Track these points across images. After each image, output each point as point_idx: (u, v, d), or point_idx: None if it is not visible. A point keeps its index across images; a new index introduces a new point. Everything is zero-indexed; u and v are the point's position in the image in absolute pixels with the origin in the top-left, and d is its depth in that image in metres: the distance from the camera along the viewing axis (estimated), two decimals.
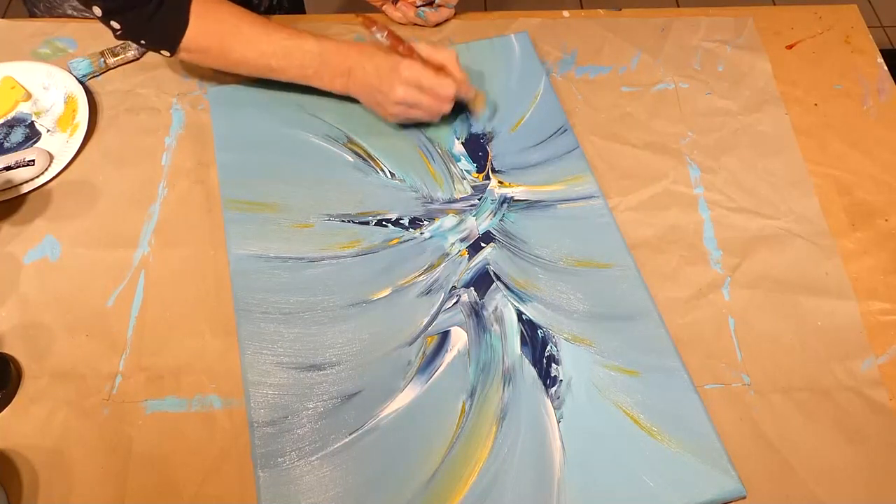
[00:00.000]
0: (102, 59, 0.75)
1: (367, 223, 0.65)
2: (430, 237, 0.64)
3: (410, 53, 0.67)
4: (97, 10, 0.62)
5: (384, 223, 0.65)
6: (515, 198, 0.67)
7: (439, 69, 0.67)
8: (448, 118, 0.71)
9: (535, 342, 0.58)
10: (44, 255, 0.63)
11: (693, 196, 0.68)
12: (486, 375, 0.57)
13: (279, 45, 0.66)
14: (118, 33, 0.65)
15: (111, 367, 0.58)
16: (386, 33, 0.67)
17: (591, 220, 0.65)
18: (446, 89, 0.66)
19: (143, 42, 0.67)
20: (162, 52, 0.67)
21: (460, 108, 0.73)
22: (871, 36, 0.82)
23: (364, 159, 0.69)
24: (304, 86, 0.69)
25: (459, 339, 0.58)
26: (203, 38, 0.65)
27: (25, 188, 0.67)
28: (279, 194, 0.66)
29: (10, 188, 0.66)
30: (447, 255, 0.63)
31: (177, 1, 0.63)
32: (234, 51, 0.66)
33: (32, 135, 0.71)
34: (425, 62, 0.67)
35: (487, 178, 0.68)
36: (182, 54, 0.66)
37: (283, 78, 0.68)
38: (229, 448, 0.54)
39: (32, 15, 0.84)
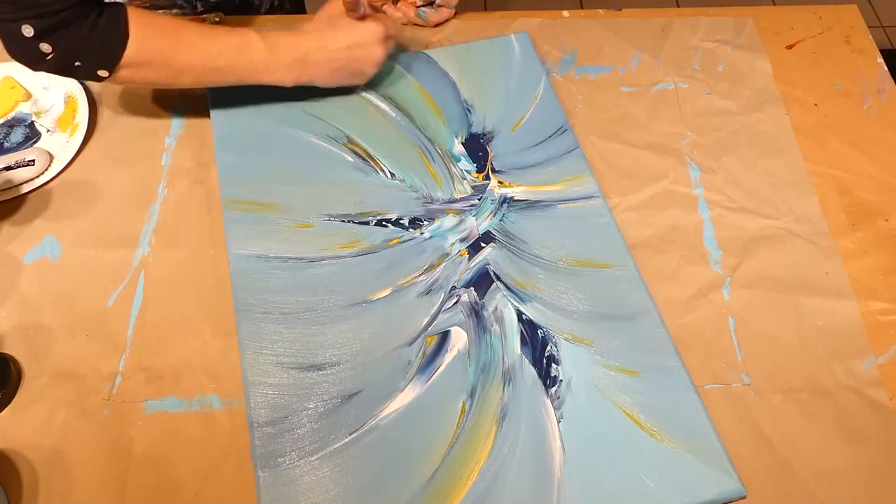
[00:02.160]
0: None
1: (367, 223, 0.65)
2: (430, 237, 0.64)
3: (364, 15, 0.68)
4: (28, 31, 0.56)
5: (384, 223, 0.65)
6: (515, 198, 0.67)
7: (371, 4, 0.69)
8: (449, 118, 0.72)
9: (535, 342, 0.58)
10: (44, 255, 0.63)
11: (693, 196, 0.68)
12: (486, 375, 0.57)
13: (224, 45, 0.63)
14: (48, 58, 0.58)
15: (111, 367, 0.58)
16: (366, 4, 0.67)
17: (591, 220, 0.65)
18: (398, 26, 0.73)
19: (77, 64, 0.60)
20: (99, 73, 0.61)
21: (460, 109, 0.73)
22: (871, 36, 0.82)
23: (364, 159, 0.69)
24: (303, 86, 0.69)
25: (459, 339, 0.58)
26: (145, 50, 0.61)
27: (25, 188, 0.67)
28: (279, 194, 0.66)
29: (10, 188, 0.66)
30: (447, 255, 0.63)
31: (113, 15, 0.59)
32: (179, 57, 0.62)
33: (32, 135, 0.71)
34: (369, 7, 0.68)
35: (487, 178, 0.68)
36: (122, 72, 0.61)
37: (233, 79, 0.65)
38: (229, 448, 0.54)
39: None
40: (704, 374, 0.58)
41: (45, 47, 0.57)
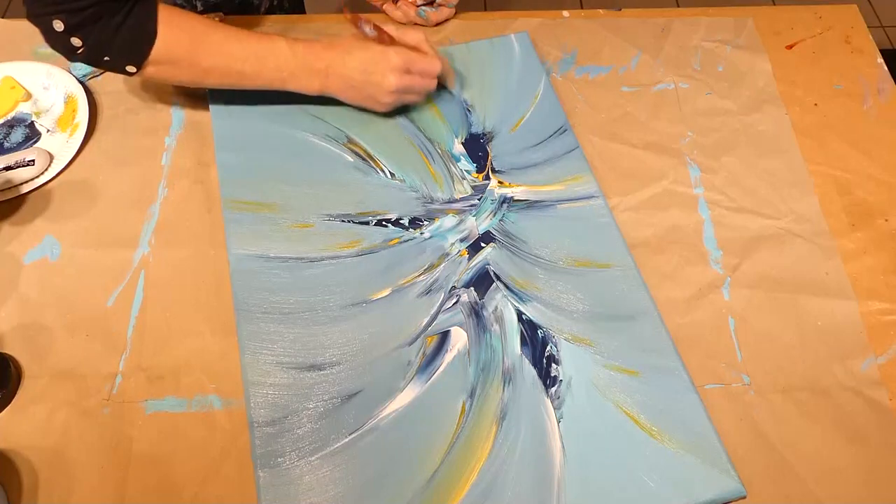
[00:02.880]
0: None
1: (367, 223, 0.65)
2: (430, 237, 0.64)
3: (392, 42, 0.67)
4: (58, 25, 0.57)
5: (384, 223, 0.65)
6: (515, 198, 0.67)
7: (414, 49, 0.68)
8: (449, 118, 0.72)
9: (535, 342, 0.58)
10: (44, 255, 0.63)
11: (693, 196, 0.68)
12: (486, 375, 0.57)
13: (251, 49, 0.64)
14: (79, 52, 0.60)
15: (111, 367, 0.58)
16: (372, 26, 0.67)
17: (591, 220, 0.65)
18: (434, 67, 0.68)
19: (106, 59, 0.61)
20: (127, 68, 0.62)
21: (460, 109, 0.73)
22: (871, 36, 0.82)
23: (364, 159, 0.69)
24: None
25: (459, 339, 0.58)
26: (172, 48, 0.62)
27: (25, 188, 0.67)
28: (279, 194, 0.66)
29: (10, 188, 0.66)
30: (447, 255, 0.63)
31: (143, 13, 0.60)
32: (205, 58, 0.63)
33: (32, 135, 0.71)
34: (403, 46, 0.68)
35: (487, 178, 0.68)
36: (149, 69, 0.62)
37: (258, 84, 0.66)
38: (229, 448, 0.54)
39: None
40: (704, 374, 0.58)
41: (76, 41, 0.59)
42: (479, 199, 0.67)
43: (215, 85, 0.66)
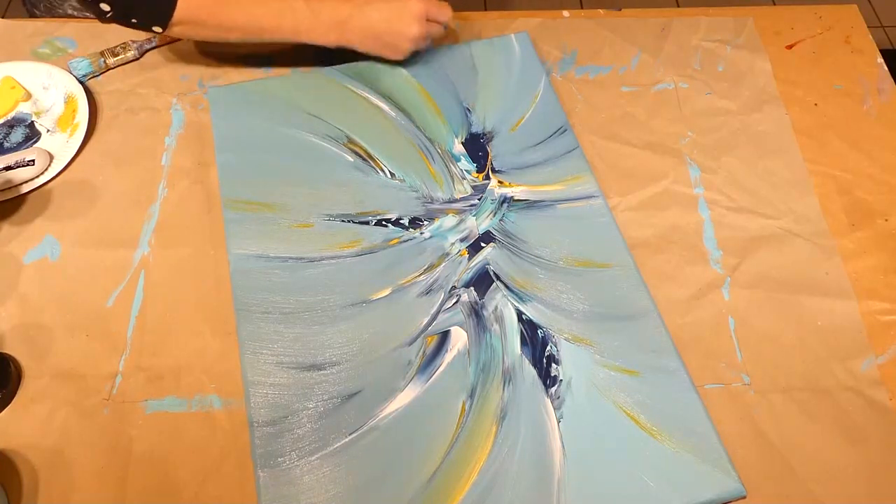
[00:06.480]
0: (102, 59, 0.75)
1: (367, 223, 0.65)
2: (430, 237, 0.64)
3: None
4: None
5: (384, 223, 0.65)
6: (515, 198, 0.67)
7: None
8: (449, 118, 0.72)
9: (535, 342, 0.58)
10: (44, 255, 0.63)
11: (693, 196, 0.68)
12: (486, 375, 0.57)
13: (269, 6, 0.67)
14: (108, 15, 0.65)
15: (111, 367, 0.58)
16: None
17: (591, 219, 0.65)
18: (447, 14, 0.71)
19: (133, 21, 0.66)
20: (153, 28, 0.67)
21: (460, 108, 0.73)
22: (871, 36, 0.82)
23: (364, 159, 0.69)
24: (303, 86, 0.69)
25: (459, 338, 0.58)
26: (195, 10, 0.66)
27: (25, 188, 0.67)
28: (279, 194, 0.66)
29: (10, 188, 0.66)
30: (447, 254, 0.63)
31: None
32: (227, 16, 0.67)
33: (32, 135, 0.71)
34: None
35: (487, 177, 0.68)
36: (174, 29, 0.67)
37: (278, 37, 0.69)
38: (229, 448, 0.54)
39: (32, 15, 0.84)
40: (704, 374, 0.58)
41: (105, 6, 0.64)
42: (479, 199, 0.67)
43: (238, 40, 0.70)
